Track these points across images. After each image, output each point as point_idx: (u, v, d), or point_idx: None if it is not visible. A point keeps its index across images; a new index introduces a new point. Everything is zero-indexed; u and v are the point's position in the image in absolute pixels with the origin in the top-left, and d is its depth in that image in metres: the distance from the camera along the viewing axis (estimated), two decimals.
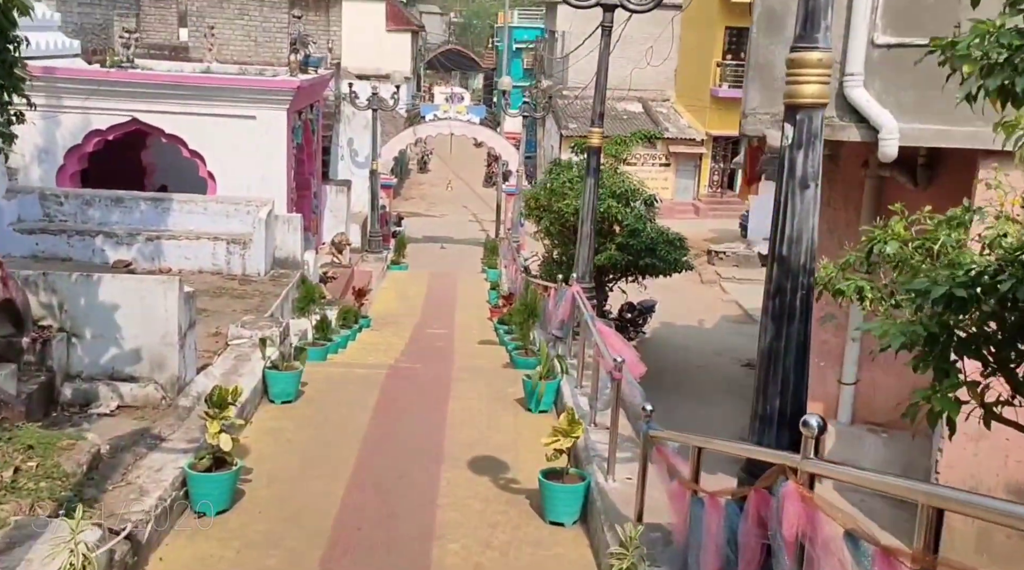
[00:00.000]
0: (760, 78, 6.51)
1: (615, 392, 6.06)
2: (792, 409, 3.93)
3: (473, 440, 7.67)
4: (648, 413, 4.91)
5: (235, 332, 9.17)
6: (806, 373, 3.99)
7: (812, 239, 3.95)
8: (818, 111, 3.83)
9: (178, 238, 12.10)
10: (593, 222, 9.39)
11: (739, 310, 21.93)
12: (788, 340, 3.93)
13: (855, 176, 7.65)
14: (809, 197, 3.88)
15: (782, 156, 3.93)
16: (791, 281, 3.93)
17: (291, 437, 7.55)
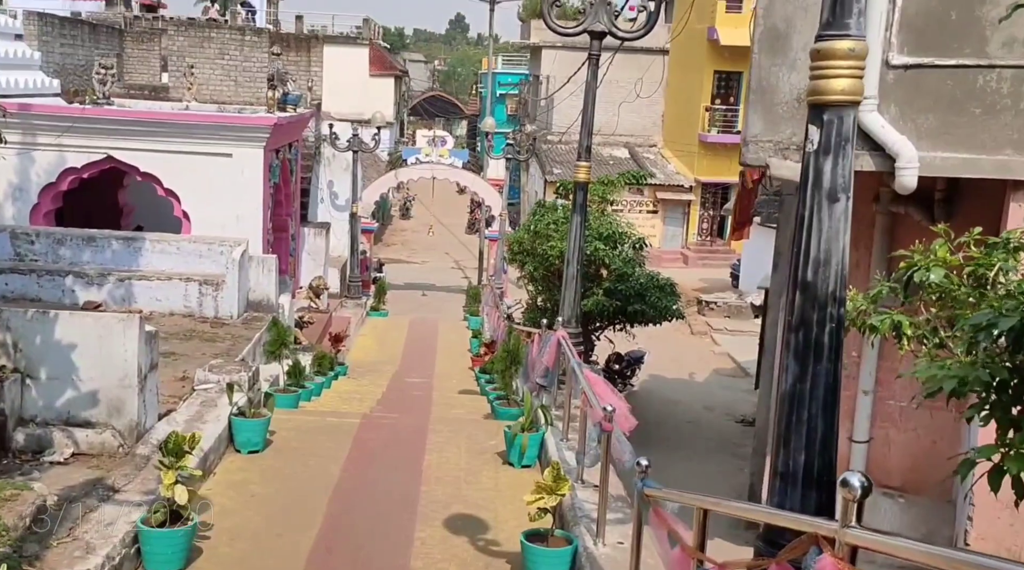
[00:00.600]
0: (762, 103, 6.29)
1: (605, 446, 5.76)
2: (820, 465, 3.55)
3: (450, 496, 7.32)
4: (643, 469, 4.61)
5: (202, 376, 8.83)
6: (836, 421, 3.63)
7: (843, 262, 3.57)
8: (849, 110, 3.48)
9: (149, 279, 11.78)
10: (579, 263, 9.15)
11: (731, 363, 21.65)
12: (815, 382, 3.57)
13: (865, 213, 7.40)
14: (839, 212, 3.54)
15: (805, 165, 3.63)
16: (818, 312, 3.56)
17: (256, 490, 7.17)
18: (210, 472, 7.34)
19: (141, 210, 14.97)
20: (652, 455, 7.28)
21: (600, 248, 13.40)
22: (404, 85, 46.67)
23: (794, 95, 6.33)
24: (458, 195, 50.63)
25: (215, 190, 13.02)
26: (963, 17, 6.98)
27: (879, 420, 7.98)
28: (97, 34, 16.54)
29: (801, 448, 3.56)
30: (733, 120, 33.24)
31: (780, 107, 6.34)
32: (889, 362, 8.00)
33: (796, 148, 6.31)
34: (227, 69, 16.23)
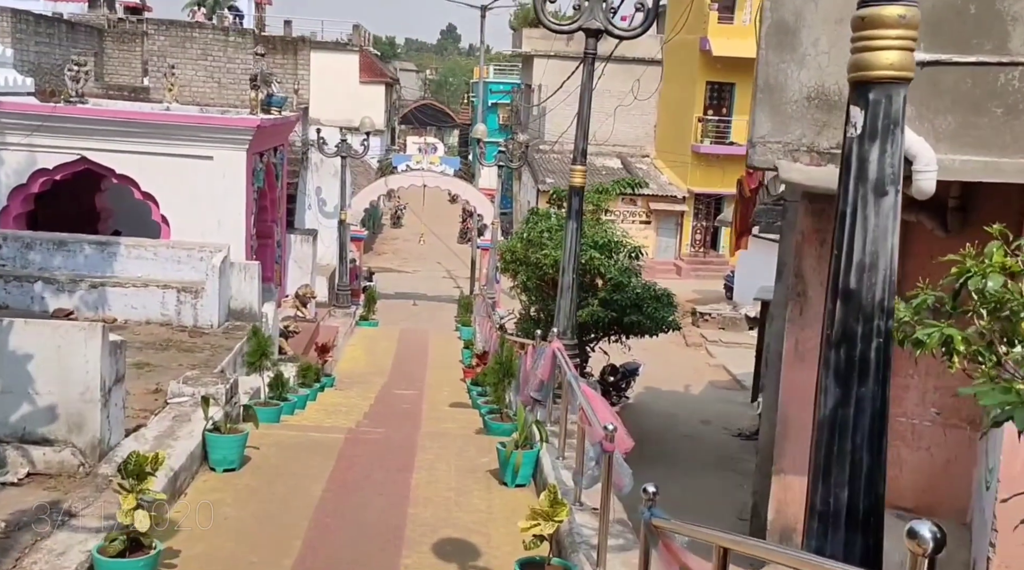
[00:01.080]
0: (769, 102, 5.82)
1: (606, 468, 5.25)
2: (867, 504, 3.07)
3: (439, 519, 6.79)
4: (651, 497, 4.10)
5: (175, 389, 8.29)
6: (884, 452, 3.14)
7: (891, 266, 3.12)
8: (900, 88, 3.02)
9: (124, 285, 11.24)
10: (575, 272, 8.66)
11: (727, 376, 21.25)
12: (859, 406, 3.08)
13: None
14: (887, 208, 3.07)
15: (847, 153, 3.14)
16: (863, 324, 3.08)
17: (230, 512, 6.63)
18: (180, 493, 6.80)
19: (120, 215, 14.41)
20: (649, 471, 6.82)
21: (596, 257, 12.92)
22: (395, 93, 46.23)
23: (804, 93, 5.87)
24: (450, 204, 50.28)
25: (195, 194, 12.48)
26: (983, 11, 6.54)
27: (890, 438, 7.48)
28: (76, 33, 15.99)
29: (843, 483, 3.07)
30: (726, 131, 32.93)
31: (789, 106, 5.86)
32: (901, 377, 7.51)
33: (806, 150, 5.85)
34: (210, 70, 15.71)
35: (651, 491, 4.13)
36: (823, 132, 5.79)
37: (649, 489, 4.13)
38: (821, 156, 5.77)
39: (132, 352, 10.04)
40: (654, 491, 4.14)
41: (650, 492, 4.12)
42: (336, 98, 28.75)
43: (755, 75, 5.97)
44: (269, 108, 14.27)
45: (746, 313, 25.89)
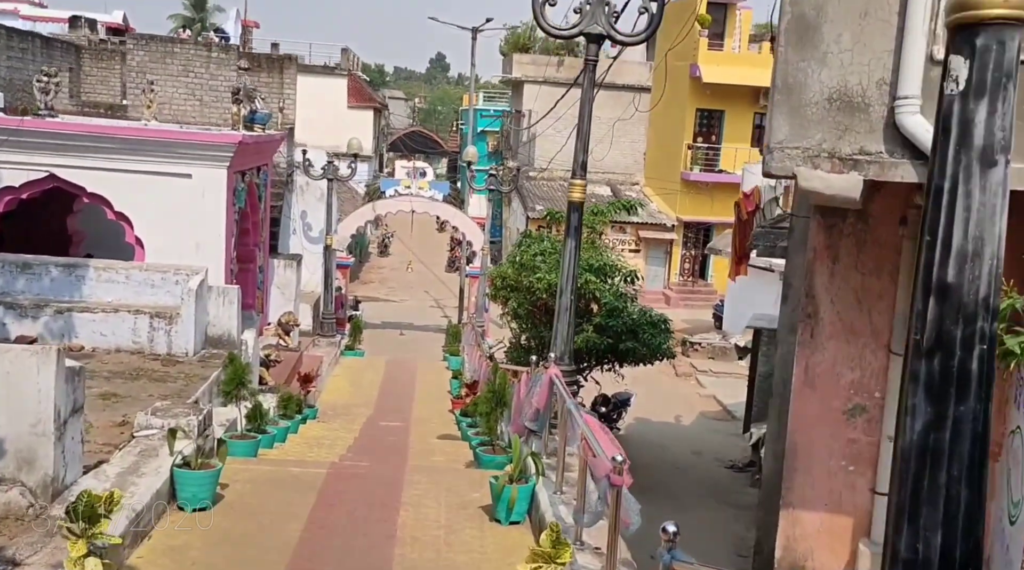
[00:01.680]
0: (788, 104, 5.35)
1: (614, 504, 4.71)
2: (964, 550, 2.53)
3: (428, 561, 6.22)
4: (671, 537, 3.57)
5: (143, 421, 7.70)
6: (985, 486, 2.63)
7: (999, 255, 2.59)
8: (1015, 33, 2.49)
9: (93, 311, 10.65)
10: (573, 293, 8.15)
11: (717, 406, 20.78)
12: (957, 429, 2.53)
13: (890, 237, 6.48)
14: (996, 182, 2.53)
15: (945, 113, 2.58)
16: (963, 327, 2.54)
17: (199, 557, 6.03)
18: (144, 536, 6.20)
19: (93, 239, 13.82)
20: (642, 504, 6.30)
21: (591, 280, 12.42)
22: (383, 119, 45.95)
23: (824, 95, 5.41)
24: (438, 233, 49.87)
25: (172, 214, 11.95)
26: None
27: None
28: (51, 49, 15.45)
29: (936, 526, 2.52)
30: (715, 158, 32.70)
31: (809, 109, 5.40)
32: None
33: (827, 155, 5.38)
34: (191, 88, 15.23)
35: (671, 531, 3.61)
36: (845, 136, 5.33)
37: (669, 529, 3.60)
38: (843, 162, 5.31)
39: (99, 382, 9.49)
40: (675, 531, 3.61)
41: (670, 532, 3.60)
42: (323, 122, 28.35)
43: (772, 75, 5.52)
44: (252, 125, 13.77)
45: (736, 343, 25.48)
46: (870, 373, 6.66)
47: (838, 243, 6.62)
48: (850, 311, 6.61)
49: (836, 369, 6.69)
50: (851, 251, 6.58)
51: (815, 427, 6.72)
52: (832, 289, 6.64)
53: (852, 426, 6.76)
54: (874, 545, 6.84)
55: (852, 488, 6.83)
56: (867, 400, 6.68)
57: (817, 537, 6.76)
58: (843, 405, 6.72)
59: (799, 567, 6.82)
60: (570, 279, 8.04)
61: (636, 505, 4.79)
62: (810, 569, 6.81)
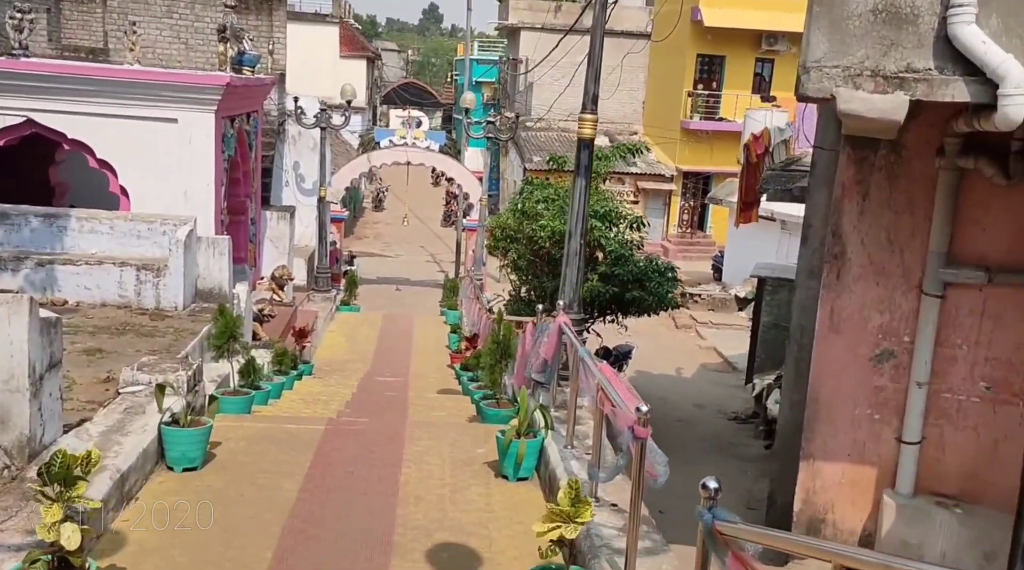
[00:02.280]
0: (828, 17, 4.85)
1: (639, 457, 4.34)
2: None
3: (433, 520, 5.87)
4: (711, 494, 3.20)
5: (128, 377, 7.29)
6: None
7: None
8: None
9: (76, 263, 10.20)
10: (583, 236, 7.71)
11: (718, 358, 20.48)
12: None
13: (925, 170, 6.05)
14: None
15: None
16: None
17: (189, 519, 5.67)
18: (130, 497, 5.84)
19: (78, 191, 13.29)
20: None
21: (596, 226, 11.95)
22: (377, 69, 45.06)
23: (868, 6, 4.91)
24: (433, 187, 49.24)
25: (158, 161, 11.42)
26: None
27: (933, 416, 6.59)
28: None
29: None
30: (716, 106, 32.06)
31: (852, 22, 4.91)
32: (948, 348, 6.62)
33: (870, 74, 4.90)
34: (176, 30, 14.59)
35: (712, 487, 3.22)
36: (890, 52, 4.86)
37: (710, 484, 3.21)
38: (887, 81, 4.84)
39: (83, 337, 9.09)
40: (716, 487, 3.22)
41: (711, 489, 3.21)
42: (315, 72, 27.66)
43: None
44: (240, 67, 13.19)
45: (736, 294, 25.20)
46: (900, 316, 6.29)
47: (868, 178, 6.19)
48: (880, 251, 6.20)
49: (863, 313, 6.31)
50: (882, 186, 6.16)
51: (840, 374, 6.35)
52: (861, 227, 6.23)
53: (879, 372, 6.39)
54: (899, 496, 6.52)
55: (877, 437, 6.48)
56: (896, 345, 6.30)
57: (839, 489, 6.43)
58: (870, 351, 6.35)
59: (819, 520, 6.51)
60: (580, 221, 7.60)
61: (663, 456, 4.42)
62: (830, 522, 6.49)
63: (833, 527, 6.52)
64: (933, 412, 6.55)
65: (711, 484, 3.23)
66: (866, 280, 6.24)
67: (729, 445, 14.10)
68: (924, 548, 6.30)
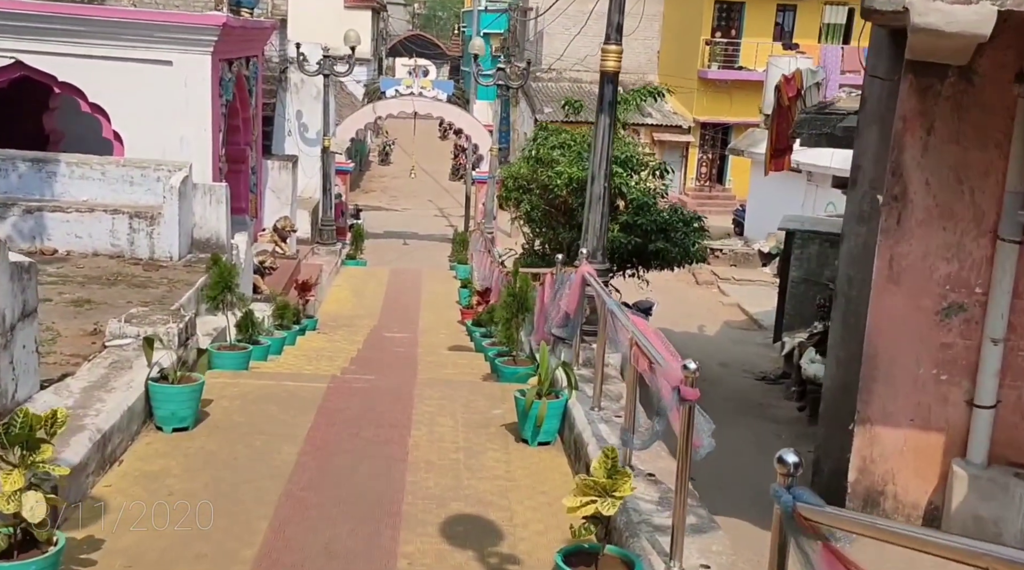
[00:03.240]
0: None
1: (686, 420, 3.78)
2: None
3: (446, 489, 5.35)
4: (791, 470, 2.65)
5: (115, 329, 6.77)
6: None
7: None
8: None
9: (66, 210, 9.65)
10: (607, 178, 7.08)
11: (742, 315, 19.91)
12: None
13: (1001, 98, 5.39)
14: None
15: None
16: None
17: (176, 485, 5.17)
18: (113, 460, 5.34)
19: (73, 140, 12.67)
20: None
21: (618, 173, 11.27)
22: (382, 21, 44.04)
23: None
24: (440, 141, 48.37)
25: (153, 106, 10.81)
26: None
27: (1010, 377, 5.97)
28: None
29: None
30: (735, 54, 31.11)
31: None
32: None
33: None
34: None
35: (791, 463, 2.66)
36: None
37: (788, 459, 2.66)
38: None
39: (72, 287, 8.57)
40: (795, 462, 2.67)
41: (790, 463, 2.66)
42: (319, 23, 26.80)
43: None
44: (239, 9, 12.51)
45: (759, 249, 24.56)
46: (970, 265, 5.67)
47: (933, 109, 5.54)
48: (946, 191, 5.57)
49: (928, 261, 5.70)
50: (949, 118, 5.51)
51: (900, 329, 5.75)
52: (925, 165, 5.60)
53: (946, 328, 5.78)
54: (971, 466, 5.90)
55: (944, 400, 5.89)
56: (966, 297, 5.69)
57: (900, 457, 5.86)
58: (936, 304, 5.74)
59: (877, 492, 5.96)
60: (604, 162, 6.97)
61: (709, 424, 3.88)
62: (891, 494, 5.94)
63: (894, 500, 5.98)
64: (1010, 372, 5.91)
65: (789, 458, 2.68)
66: (930, 224, 5.63)
67: (758, 406, 13.56)
68: (1001, 524, 5.75)
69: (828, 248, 13.72)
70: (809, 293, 13.87)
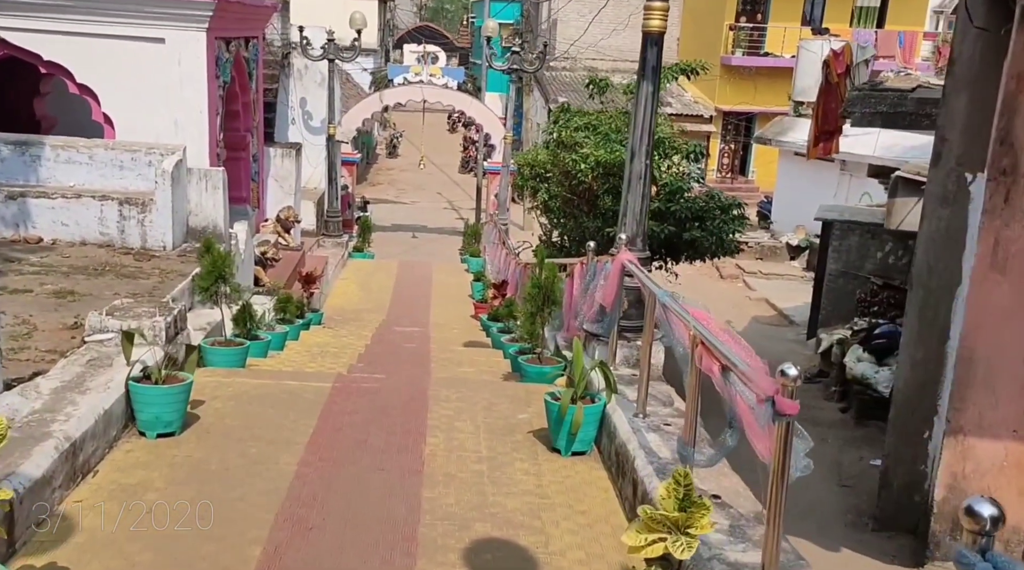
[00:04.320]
0: None
1: (782, 442, 3.11)
2: None
3: (469, 508, 4.70)
4: (985, 526, 1.98)
5: (96, 322, 6.14)
6: None
7: None
8: None
9: (51, 196, 9.06)
10: (649, 155, 6.39)
11: (771, 310, 19.19)
12: None
13: None
14: None
15: None
16: None
17: (156, 501, 4.53)
18: (86, 471, 4.71)
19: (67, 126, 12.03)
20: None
21: None
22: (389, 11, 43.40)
23: None
24: (449, 134, 47.68)
25: (145, 87, 10.16)
26: None
27: None
28: None
29: None
30: (760, 40, 30.35)
31: None
32: None
33: None
34: None
35: (987, 516, 1.98)
36: None
37: (984, 512, 1.98)
38: None
39: (55, 278, 7.97)
40: (993, 515, 1.99)
41: (985, 518, 1.98)
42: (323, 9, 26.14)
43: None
44: None
45: (787, 242, 23.89)
46: None
47: None
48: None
49: None
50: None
51: (1004, 326, 5.05)
52: None
53: None
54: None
55: None
56: None
57: (1000, 474, 5.16)
58: None
59: None
60: (645, 136, 6.28)
61: (806, 442, 3.19)
62: None
63: None
64: None
65: (985, 510, 1.99)
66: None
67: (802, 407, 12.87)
68: None
69: (869, 239, 13.04)
70: (848, 287, 13.19)
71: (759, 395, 3.15)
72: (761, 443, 3.33)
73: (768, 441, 3.24)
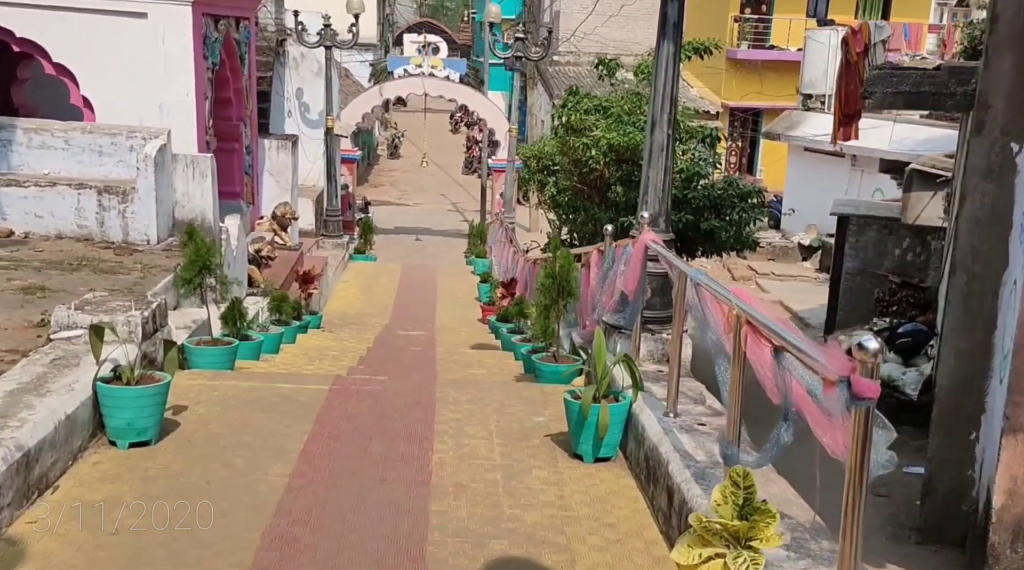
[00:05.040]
0: None
1: (861, 432, 2.58)
2: None
3: (483, 523, 4.15)
4: None
5: (63, 318, 5.60)
6: None
7: None
8: None
9: (22, 185, 8.53)
10: (671, 124, 5.85)
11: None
12: None
13: None
14: None
15: None
16: None
17: (129, 518, 3.99)
18: (43, 487, 4.16)
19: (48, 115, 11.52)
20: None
21: None
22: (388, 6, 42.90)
23: None
24: (452, 135, 47.15)
25: (127, 67, 9.65)
26: None
27: None
28: None
29: None
30: (766, 32, 29.79)
31: None
32: None
33: None
34: None
35: None
36: None
37: None
38: None
39: (25, 273, 7.42)
40: None
41: None
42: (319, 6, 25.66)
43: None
44: None
45: (799, 241, 23.36)
46: None
47: None
48: None
49: None
50: None
51: None
52: None
53: None
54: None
55: None
56: None
57: None
58: None
59: None
60: (667, 103, 5.73)
61: (889, 431, 2.66)
62: None
63: None
64: None
65: None
66: None
67: None
68: None
69: (887, 235, 12.52)
70: (866, 285, 12.64)
71: (828, 377, 2.61)
72: (830, 436, 2.82)
73: (841, 433, 2.72)
